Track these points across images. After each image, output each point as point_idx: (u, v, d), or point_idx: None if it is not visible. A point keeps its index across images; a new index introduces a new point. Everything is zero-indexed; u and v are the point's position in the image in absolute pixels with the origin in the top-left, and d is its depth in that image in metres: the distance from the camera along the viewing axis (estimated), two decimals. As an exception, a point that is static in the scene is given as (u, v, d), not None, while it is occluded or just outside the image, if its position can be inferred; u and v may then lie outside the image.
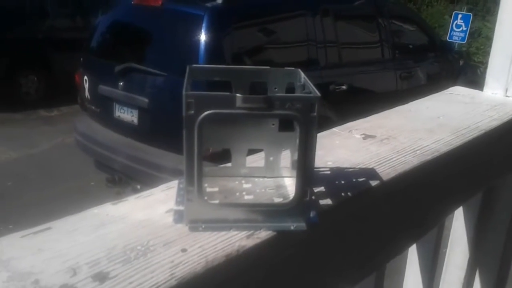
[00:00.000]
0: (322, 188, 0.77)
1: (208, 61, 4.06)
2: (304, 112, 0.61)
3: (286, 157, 0.80)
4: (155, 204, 0.68)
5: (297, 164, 0.64)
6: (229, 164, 0.79)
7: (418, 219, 1.05)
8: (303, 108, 0.61)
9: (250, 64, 4.42)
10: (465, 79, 6.82)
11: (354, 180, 0.83)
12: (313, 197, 0.71)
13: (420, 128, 1.10)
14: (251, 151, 0.81)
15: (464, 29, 9.58)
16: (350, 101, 4.95)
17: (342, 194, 0.77)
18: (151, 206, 0.68)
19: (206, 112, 0.58)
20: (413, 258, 1.35)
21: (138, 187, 4.54)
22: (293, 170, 0.75)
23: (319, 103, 0.61)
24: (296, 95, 0.69)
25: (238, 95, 0.59)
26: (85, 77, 5.01)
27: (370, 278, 1.02)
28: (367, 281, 1.00)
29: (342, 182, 0.81)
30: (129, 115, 4.56)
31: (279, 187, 0.77)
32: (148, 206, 0.68)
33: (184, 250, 0.58)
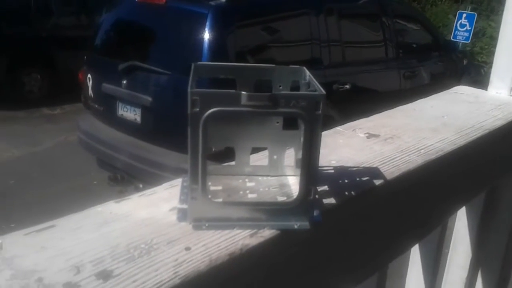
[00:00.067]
0: (325, 187, 0.77)
1: (211, 59, 4.06)
2: (309, 110, 0.61)
3: (290, 156, 0.80)
4: (159, 202, 0.68)
5: (301, 163, 0.64)
6: (233, 163, 0.79)
7: (422, 218, 1.05)
8: (308, 106, 0.61)
9: (253, 63, 4.42)
10: (469, 79, 6.81)
11: (358, 179, 0.82)
12: (317, 196, 0.71)
13: (424, 127, 1.09)
14: (255, 150, 0.81)
15: (468, 28, 9.54)
16: (353, 100, 4.94)
17: (346, 193, 0.77)
18: (155, 204, 0.68)
19: (211, 110, 0.58)
20: (415, 258, 1.34)
21: (140, 185, 4.54)
22: (297, 169, 0.75)
23: (324, 101, 0.61)
24: (301, 93, 0.69)
25: (243, 92, 0.58)
26: (89, 75, 5.01)
27: (372, 278, 1.02)
28: (370, 281, 1.00)
29: (346, 181, 0.81)
30: (132, 114, 4.56)
31: (283, 185, 0.76)
32: (152, 204, 0.68)
33: (187, 249, 0.58)
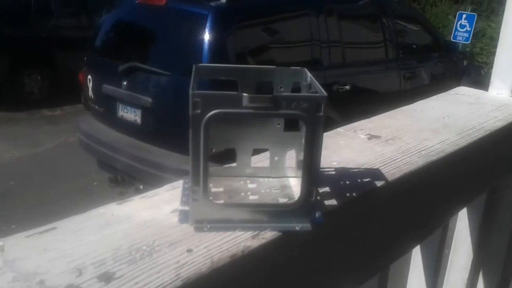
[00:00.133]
0: (327, 189, 0.77)
1: (211, 60, 4.06)
2: (311, 111, 0.61)
3: (291, 157, 0.80)
4: (160, 204, 0.68)
5: (302, 164, 0.64)
6: (234, 164, 0.79)
7: (423, 219, 1.04)
8: (310, 108, 0.61)
9: (253, 64, 4.42)
10: (469, 80, 6.80)
11: (359, 180, 0.82)
12: (318, 197, 0.71)
13: (425, 128, 1.09)
14: (256, 151, 0.81)
15: (468, 29, 9.55)
16: (354, 101, 4.94)
17: (347, 194, 0.77)
18: (156, 206, 0.68)
19: (213, 112, 0.58)
20: (417, 259, 1.34)
21: (141, 187, 4.54)
22: (298, 170, 0.75)
23: (325, 102, 0.61)
24: (303, 94, 0.69)
25: (244, 94, 0.58)
26: (89, 77, 5.01)
27: (374, 279, 1.02)
28: (371, 282, 1.00)
29: (347, 182, 0.81)
30: (132, 115, 4.56)
31: (284, 187, 0.76)
32: (153, 206, 0.68)
33: (189, 251, 0.58)
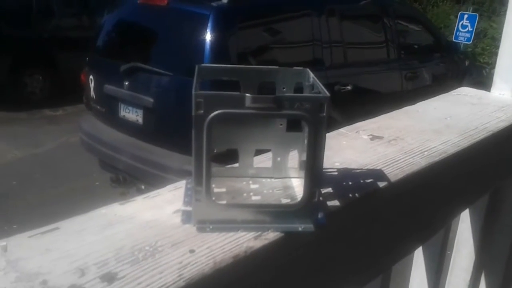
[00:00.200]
0: (329, 189, 0.77)
1: (213, 60, 4.06)
2: (313, 112, 0.61)
3: (294, 158, 0.80)
4: (163, 205, 0.68)
5: (305, 165, 0.64)
6: (237, 165, 0.79)
7: (425, 220, 1.04)
8: (312, 108, 0.61)
9: (255, 64, 4.42)
10: (471, 80, 6.79)
11: (362, 181, 0.82)
12: (321, 198, 0.71)
13: (428, 129, 1.09)
14: (259, 151, 0.81)
15: (470, 29, 9.53)
16: (355, 101, 4.94)
17: (350, 195, 0.77)
18: (159, 206, 0.68)
19: (216, 112, 0.58)
20: (419, 260, 1.34)
21: (143, 187, 4.54)
22: (301, 171, 0.75)
23: (328, 103, 0.61)
24: (305, 95, 0.68)
25: (247, 95, 0.58)
26: (91, 77, 5.01)
27: (376, 280, 1.01)
28: (374, 283, 1.00)
29: (350, 183, 0.81)
30: (134, 115, 4.56)
31: (287, 188, 0.76)
32: (156, 206, 0.68)
33: (192, 251, 0.58)
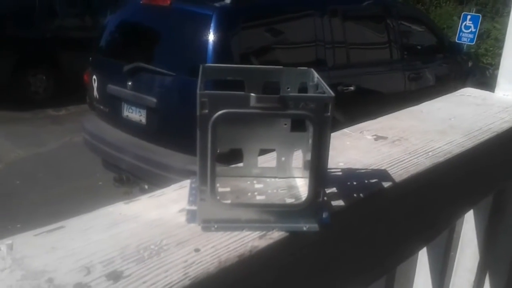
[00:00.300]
0: (334, 189, 0.77)
1: (216, 61, 4.06)
2: (318, 112, 0.61)
3: (298, 158, 0.80)
4: (168, 204, 0.68)
5: (310, 165, 0.64)
6: (241, 164, 0.79)
7: (430, 221, 1.04)
8: (317, 108, 0.61)
9: (257, 64, 4.42)
10: (474, 81, 6.78)
11: (366, 181, 0.82)
12: (325, 198, 0.71)
13: (432, 129, 1.09)
14: (263, 151, 0.81)
15: (473, 30, 9.51)
16: (358, 102, 4.93)
17: (354, 195, 0.77)
18: (164, 205, 0.68)
19: (220, 112, 0.58)
20: (423, 261, 1.34)
21: (146, 187, 4.55)
22: (305, 171, 0.75)
23: (333, 103, 0.61)
24: (310, 95, 0.69)
25: (252, 94, 0.58)
26: (94, 77, 5.02)
27: (380, 281, 1.01)
28: (378, 284, 1.00)
29: (354, 183, 0.81)
30: (137, 115, 4.57)
31: (291, 187, 0.76)
32: (161, 206, 0.68)
33: (197, 250, 0.58)
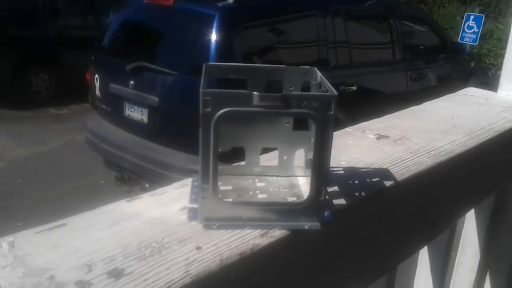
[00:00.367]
0: (335, 188, 0.77)
1: (218, 60, 4.06)
2: (321, 110, 0.61)
3: (300, 156, 0.80)
4: (169, 202, 0.68)
5: (312, 163, 0.64)
6: (243, 163, 0.79)
7: (431, 220, 1.04)
8: (320, 107, 0.61)
9: (260, 64, 4.42)
10: (477, 81, 6.77)
11: (368, 180, 0.82)
12: (327, 196, 0.71)
13: (434, 128, 1.09)
14: (265, 150, 0.81)
15: (476, 30, 9.50)
16: (360, 102, 4.92)
17: (356, 194, 0.77)
18: (165, 203, 0.68)
19: (223, 110, 0.58)
20: (424, 260, 1.34)
21: (147, 185, 4.55)
22: (307, 169, 0.75)
23: (335, 102, 0.61)
24: (313, 93, 0.69)
25: (255, 93, 0.58)
26: (96, 76, 5.03)
27: (381, 280, 1.01)
28: (378, 282, 1.00)
29: (356, 182, 0.81)
30: (139, 114, 4.57)
31: (293, 186, 0.76)
32: (162, 204, 0.68)
33: (198, 248, 0.58)
